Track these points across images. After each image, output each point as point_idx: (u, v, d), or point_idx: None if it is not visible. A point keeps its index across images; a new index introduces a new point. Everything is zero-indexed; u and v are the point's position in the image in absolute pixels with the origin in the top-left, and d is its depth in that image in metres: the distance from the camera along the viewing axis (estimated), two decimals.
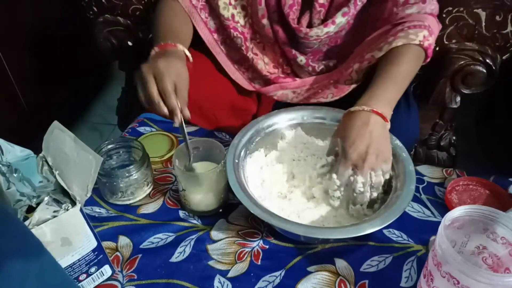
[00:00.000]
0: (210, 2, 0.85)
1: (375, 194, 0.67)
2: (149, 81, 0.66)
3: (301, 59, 0.88)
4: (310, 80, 0.91)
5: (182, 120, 0.67)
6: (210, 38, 0.89)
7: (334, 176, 0.66)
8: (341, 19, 0.79)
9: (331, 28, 0.80)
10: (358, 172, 0.65)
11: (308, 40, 0.82)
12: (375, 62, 0.78)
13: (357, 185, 0.66)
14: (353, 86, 0.85)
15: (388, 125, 0.68)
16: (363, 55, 0.80)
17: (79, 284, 0.59)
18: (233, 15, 0.85)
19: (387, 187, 0.68)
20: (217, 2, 0.83)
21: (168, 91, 0.65)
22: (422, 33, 0.74)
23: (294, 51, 0.87)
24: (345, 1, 0.78)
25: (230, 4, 0.84)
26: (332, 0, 0.79)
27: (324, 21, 0.80)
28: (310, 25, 0.81)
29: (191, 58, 0.75)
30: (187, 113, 0.68)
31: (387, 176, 0.67)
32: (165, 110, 0.66)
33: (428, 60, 0.78)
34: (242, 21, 0.86)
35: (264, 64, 0.92)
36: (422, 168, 0.82)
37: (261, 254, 0.67)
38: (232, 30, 0.86)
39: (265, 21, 0.83)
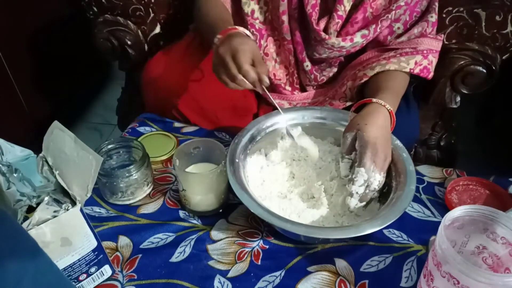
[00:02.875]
0: None
1: (376, 194, 0.68)
2: (228, 62, 0.69)
3: (307, 64, 0.89)
4: (307, 95, 0.94)
5: (264, 88, 0.71)
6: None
7: (363, 170, 0.64)
8: (359, 39, 0.81)
9: (347, 44, 0.81)
10: (375, 169, 0.65)
11: (321, 46, 0.83)
12: (367, 80, 0.80)
13: (374, 182, 0.65)
14: (348, 104, 0.87)
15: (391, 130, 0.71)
16: (356, 73, 0.83)
17: (79, 284, 0.59)
18: (253, 11, 0.86)
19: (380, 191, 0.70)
20: None
21: (245, 69, 0.68)
22: (413, 59, 0.79)
23: (304, 53, 0.88)
24: (364, 24, 0.81)
25: None
26: (349, 16, 0.80)
27: (338, 33, 0.82)
28: (325, 32, 0.82)
29: (252, 37, 0.78)
30: (266, 81, 0.70)
31: (384, 179, 0.69)
32: (247, 85, 0.70)
33: (430, 76, 0.82)
34: (261, 17, 0.87)
35: (274, 65, 0.92)
36: (422, 168, 0.82)
37: (261, 254, 0.67)
38: (249, 27, 0.87)
39: (285, 17, 0.83)
